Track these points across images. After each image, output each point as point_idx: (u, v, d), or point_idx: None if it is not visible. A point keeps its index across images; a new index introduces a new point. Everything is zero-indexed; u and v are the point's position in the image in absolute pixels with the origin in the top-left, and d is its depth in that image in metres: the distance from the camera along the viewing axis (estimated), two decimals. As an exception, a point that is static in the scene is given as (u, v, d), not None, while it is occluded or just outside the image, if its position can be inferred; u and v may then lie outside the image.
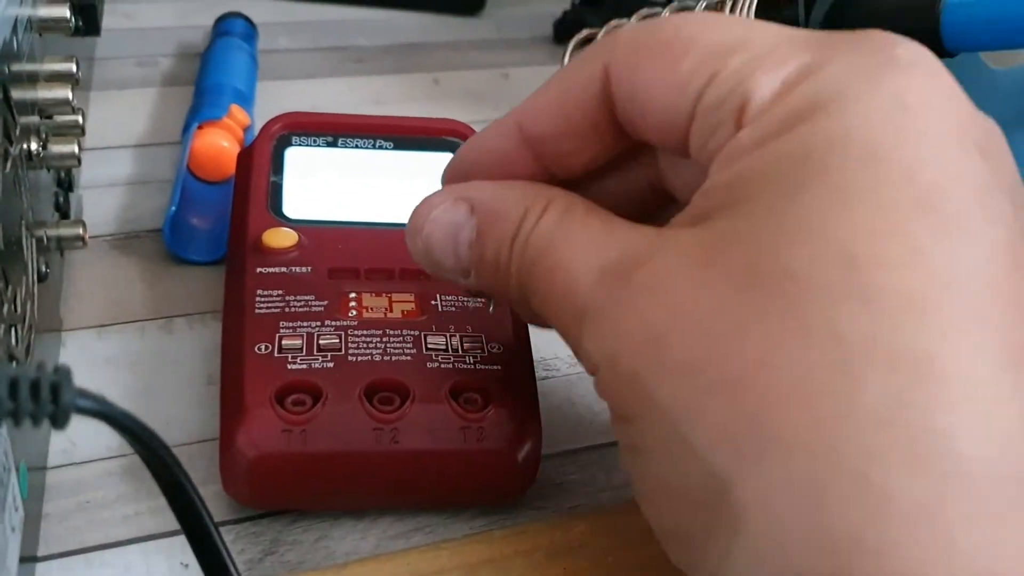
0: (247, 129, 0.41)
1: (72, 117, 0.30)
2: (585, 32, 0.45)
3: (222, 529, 0.21)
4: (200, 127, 0.39)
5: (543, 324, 0.25)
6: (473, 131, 0.36)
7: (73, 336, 0.32)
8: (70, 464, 0.27)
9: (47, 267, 0.28)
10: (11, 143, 0.25)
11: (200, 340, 0.33)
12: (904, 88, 0.19)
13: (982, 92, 0.39)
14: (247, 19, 0.52)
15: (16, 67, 0.26)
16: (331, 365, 0.26)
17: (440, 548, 0.26)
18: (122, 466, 0.28)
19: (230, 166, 0.38)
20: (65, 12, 0.31)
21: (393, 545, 0.26)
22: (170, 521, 0.20)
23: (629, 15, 0.41)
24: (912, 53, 0.20)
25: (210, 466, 0.26)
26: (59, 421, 0.15)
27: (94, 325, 0.33)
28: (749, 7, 0.29)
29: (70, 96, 0.29)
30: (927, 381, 0.17)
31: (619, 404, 0.21)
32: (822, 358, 0.17)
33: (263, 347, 0.27)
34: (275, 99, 0.48)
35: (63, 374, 0.15)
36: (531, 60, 0.55)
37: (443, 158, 0.36)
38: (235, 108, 0.40)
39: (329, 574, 0.25)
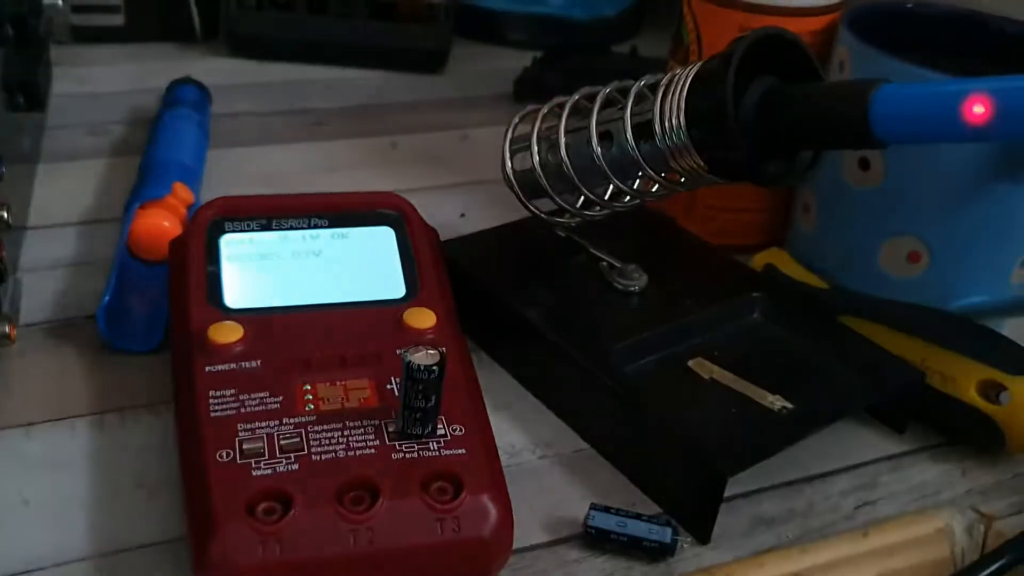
0: (191, 207, 0.40)
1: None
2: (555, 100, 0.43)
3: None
4: (142, 207, 0.38)
5: None
6: (408, 203, 0.35)
7: (1, 437, 0.31)
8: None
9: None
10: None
11: (131, 439, 0.31)
12: None
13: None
14: (199, 85, 0.51)
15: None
16: (296, 467, 0.26)
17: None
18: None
19: (171, 246, 0.37)
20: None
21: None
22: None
23: (589, 78, 0.39)
24: None
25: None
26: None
27: (23, 424, 0.32)
28: (681, 91, 0.29)
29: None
30: None
31: None
32: None
33: (224, 454, 0.26)
34: (229, 166, 0.47)
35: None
36: (491, 120, 0.54)
37: (379, 232, 0.35)
38: (178, 186, 0.39)
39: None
